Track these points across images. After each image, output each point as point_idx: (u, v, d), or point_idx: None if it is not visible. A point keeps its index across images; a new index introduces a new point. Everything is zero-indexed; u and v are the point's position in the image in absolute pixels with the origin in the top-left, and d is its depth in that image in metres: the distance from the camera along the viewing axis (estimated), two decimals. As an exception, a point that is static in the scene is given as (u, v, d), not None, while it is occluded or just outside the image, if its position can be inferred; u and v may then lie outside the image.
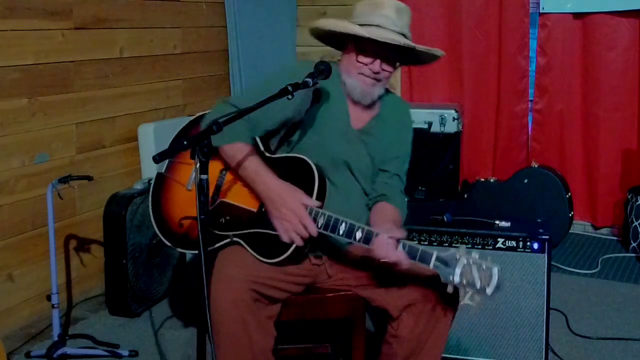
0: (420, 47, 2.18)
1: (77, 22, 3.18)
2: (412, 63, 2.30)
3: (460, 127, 4.21)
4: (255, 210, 2.10)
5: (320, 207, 2.03)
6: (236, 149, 2.09)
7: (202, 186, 1.75)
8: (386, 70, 2.17)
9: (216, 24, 4.16)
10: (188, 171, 2.22)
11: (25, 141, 2.98)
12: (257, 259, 2.05)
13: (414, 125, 4.36)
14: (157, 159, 1.74)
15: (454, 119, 4.11)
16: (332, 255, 2.21)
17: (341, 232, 1.98)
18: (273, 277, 2.04)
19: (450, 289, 1.89)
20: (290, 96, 1.95)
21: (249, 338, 1.94)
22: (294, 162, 2.11)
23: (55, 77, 3.10)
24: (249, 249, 2.07)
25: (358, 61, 2.15)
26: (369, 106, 2.23)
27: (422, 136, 4.18)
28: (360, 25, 2.14)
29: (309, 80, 2.01)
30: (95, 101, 3.31)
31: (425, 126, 4.16)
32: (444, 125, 4.13)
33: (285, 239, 2.01)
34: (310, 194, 2.03)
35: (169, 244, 2.23)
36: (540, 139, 4.34)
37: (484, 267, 1.86)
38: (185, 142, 1.74)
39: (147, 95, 3.65)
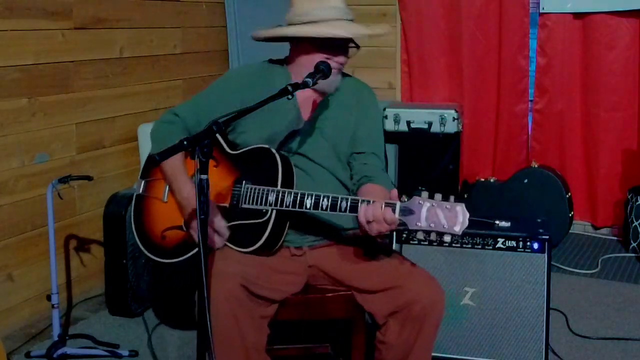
0: (380, 32, 2.22)
1: (77, 22, 3.18)
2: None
3: (460, 127, 4.21)
4: (227, 204, 2.14)
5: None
6: (168, 164, 2.17)
7: (202, 186, 1.75)
8: (347, 59, 2.20)
9: (216, 24, 4.16)
10: (161, 185, 2.28)
11: (25, 141, 2.98)
12: (238, 250, 2.09)
13: (414, 126, 4.38)
14: (157, 159, 1.76)
15: (454, 119, 4.11)
16: (315, 244, 2.24)
17: (308, 205, 2.01)
18: (262, 275, 2.06)
19: (420, 235, 1.91)
20: (290, 96, 1.98)
21: (241, 333, 1.95)
22: (257, 153, 2.16)
23: (55, 77, 3.10)
24: (228, 243, 2.11)
25: (326, 59, 2.14)
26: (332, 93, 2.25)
27: (422, 136, 4.19)
28: (314, 22, 2.14)
29: (309, 80, 2.04)
30: (95, 101, 3.31)
31: (425, 126, 4.16)
32: (444, 125, 4.13)
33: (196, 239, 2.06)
34: (275, 181, 2.08)
35: (158, 259, 2.25)
36: (540, 139, 4.34)
37: (447, 207, 1.88)
38: (185, 142, 1.75)
39: (147, 95, 3.65)
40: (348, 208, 1.99)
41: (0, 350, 2.32)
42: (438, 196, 1.91)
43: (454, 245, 2.59)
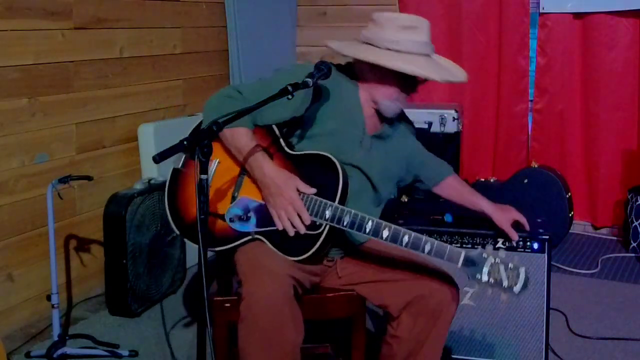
0: (460, 80, 2.25)
1: (77, 22, 3.18)
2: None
3: (460, 127, 4.20)
4: None
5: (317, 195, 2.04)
6: (237, 133, 2.09)
7: (202, 186, 1.75)
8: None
9: (216, 24, 4.16)
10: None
11: (25, 141, 2.98)
12: (279, 255, 2.04)
13: (414, 126, 4.36)
14: (157, 159, 1.75)
15: (454, 119, 4.11)
16: (346, 254, 2.22)
17: (368, 230, 1.99)
18: (300, 274, 2.05)
19: (476, 288, 1.94)
20: (290, 96, 1.96)
21: (282, 333, 1.92)
22: (318, 160, 2.09)
23: (55, 77, 3.10)
24: (271, 246, 2.06)
25: (393, 87, 2.16)
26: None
27: (422, 136, 4.14)
28: (401, 52, 2.10)
29: (309, 80, 2.01)
30: (95, 101, 3.31)
31: (425, 126, 4.16)
32: (444, 125, 4.13)
33: (279, 226, 2.03)
34: (334, 195, 2.02)
35: (190, 242, 2.15)
36: (540, 139, 4.34)
37: (511, 266, 1.90)
38: (185, 142, 1.74)
39: (147, 95, 3.65)
40: (410, 245, 1.98)
41: (0, 350, 2.32)
42: (502, 252, 1.93)
43: (454, 245, 2.58)
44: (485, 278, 1.90)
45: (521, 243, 2.54)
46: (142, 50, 3.59)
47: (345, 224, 2.00)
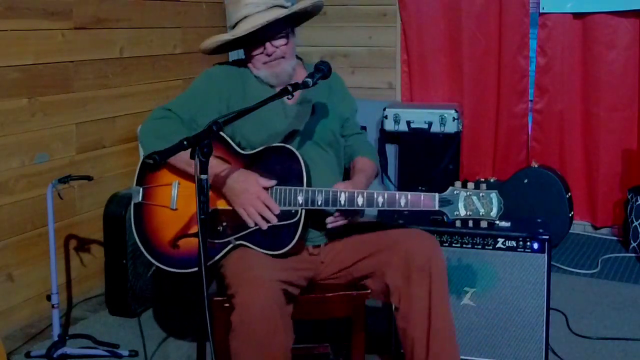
0: (294, 9, 2.21)
1: (77, 22, 3.18)
2: (304, 19, 2.35)
3: (460, 127, 4.21)
4: None
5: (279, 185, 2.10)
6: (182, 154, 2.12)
7: (202, 186, 1.75)
8: (282, 45, 2.22)
9: (216, 24, 4.16)
10: (167, 192, 2.21)
11: (25, 141, 2.98)
12: (266, 254, 2.07)
13: (414, 126, 4.39)
14: (157, 159, 1.75)
15: (454, 119, 4.11)
16: (329, 239, 2.24)
17: (343, 201, 2.03)
18: (289, 274, 2.06)
19: (458, 224, 2.01)
20: (290, 96, 2.02)
21: (275, 339, 1.92)
22: (274, 152, 2.14)
23: (55, 77, 3.10)
24: (254, 247, 2.08)
25: (253, 55, 2.22)
26: (288, 80, 2.26)
27: (422, 136, 4.19)
28: (234, 25, 2.22)
29: (309, 80, 2.04)
30: (95, 101, 3.31)
31: (425, 126, 4.16)
32: (444, 125, 4.13)
33: (250, 223, 2.06)
34: (300, 179, 2.08)
35: (173, 270, 2.17)
36: (540, 139, 4.34)
37: (482, 194, 2.01)
38: (185, 142, 1.75)
39: (147, 95, 3.65)
40: (386, 203, 2.03)
41: (0, 350, 2.32)
42: (471, 185, 2.03)
43: (454, 245, 2.59)
44: (463, 212, 2.00)
45: (521, 243, 2.54)
46: (142, 50, 3.59)
47: (319, 203, 2.04)
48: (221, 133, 2.14)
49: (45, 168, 3.07)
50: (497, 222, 2.02)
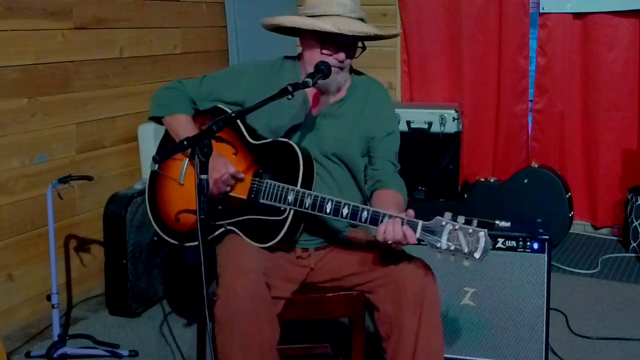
0: (382, 32, 2.20)
1: (77, 22, 3.18)
2: (370, 39, 2.26)
3: (460, 127, 4.21)
4: (245, 197, 2.13)
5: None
6: (176, 120, 2.24)
7: (202, 186, 1.75)
8: (349, 58, 2.18)
9: (216, 24, 4.16)
10: (179, 166, 2.26)
11: (25, 141, 2.98)
12: (252, 244, 2.09)
13: (414, 126, 4.38)
14: (157, 159, 1.76)
15: (454, 119, 4.11)
16: (320, 246, 2.23)
17: (328, 210, 2.00)
18: (275, 272, 2.06)
19: (439, 257, 1.90)
20: (290, 96, 2.00)
21: (260, 332, 1.92)
22: (279, 147, 2.14)
23: (55, 77, 3.10)
24: (242, 235, 2.11)
25: (323, 53, 2.15)
26: (334, 92, 2.23)
27: (422, 136, 4.19)
28: (318, 16, 2.12)
29: (309, 80, 2.04)
30: (95, 101, 3.31)
31: (425, 126, 4.16)
32: (444, 125, 4.13)
33: (215, 191, 2.09)
34: (295, 180, 2.06)
35: (171, 241, 2.24)
36: (540, 139, 4.34)
37: (470, 231, 1.86)
38: (185, 142, 1.75)
39: (147, 95, 3.62)
40: (369, 220, 1.96)
41: (0, 350, 2.32)
42: (461, 219, 1.89)
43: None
44: (444, 246, 1.87)
45: (521, 243, 2.54)
46: (142, 50, 3.59)
47: (307, 206, 2.03)
48: (238, 122, 2.19)
49: (45, 168, 3.07)
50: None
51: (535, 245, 2.53)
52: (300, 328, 2.63)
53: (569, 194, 3.96)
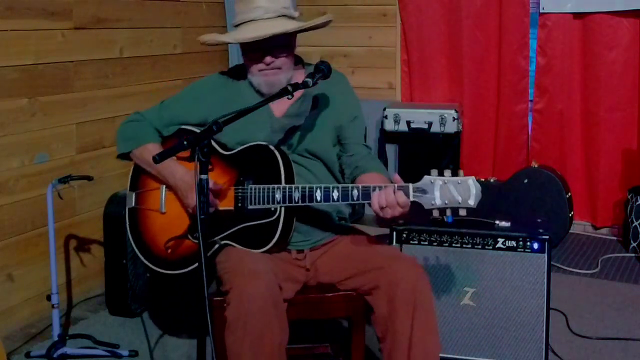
0: (302, 24, 2.18)
1: (77, 22, 3.18)
2: (308, 29, 2.27)
3: (460, 127, 4.21)
4: (232, 208, 2.13)
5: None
6: (145, 150, 2.22)
7: (202, 186, 1.75)
8: (281, 56, 2.17)
9: (216, 24, 4.16)
10: (157, 196, 2.25)
11: (25, 141, 2.98)
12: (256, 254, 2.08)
13: (414, 125, 4.38)
14: (157, 159, 1.76)
15: (454, 119, 4.11)
16: (315, 245, 2.23)
17: (319, 197, 2.02)
18: (280, 272, 2.07)
19: (436, 214, 1.93)
20: (290, 96, 1.99)
21: (271, 333, 1.92)
22: (254, 151, 2.15)
23: (55, 77, 3.10)
24: (238, 246, 2.11)
25: (250, 60, 2.18)
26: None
27: (422, 136, 4.19)
28: (239, 24, 2.17)
29: (309, 80, 2.04)
30: (95, 101, 3.31)
31: (425, 126, 4.17)
32: (444, 125, 4.13)
33: (191, 211, 2.12)
34: (278, 178, 2.07)
35: (168, 272, 2.23)
36: (540, 139, 4.34)
37: (459, 181, 1.90)
38: (185, 142, 1.75)
39: (147, 95, 3.65)
40: (360, 196, 1.99)
41: (0, 350, 2.32)
42: (447, 172, 1.93)
43: (454, 245, 2.59)
44: (439, 202, 1.91)
45: (521, 243, 2.54)
46: (142, 50, 3.59)
47: (297, 199, 2.04)
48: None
49: (45, 168, 3.07)
50: (473, 206, 1.90)
51: (535, 245, 2.53)
52: (300, 328, 2.63)
53: (569, 194, 3.97)
